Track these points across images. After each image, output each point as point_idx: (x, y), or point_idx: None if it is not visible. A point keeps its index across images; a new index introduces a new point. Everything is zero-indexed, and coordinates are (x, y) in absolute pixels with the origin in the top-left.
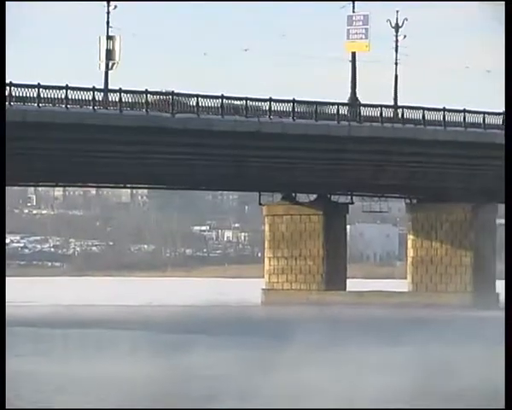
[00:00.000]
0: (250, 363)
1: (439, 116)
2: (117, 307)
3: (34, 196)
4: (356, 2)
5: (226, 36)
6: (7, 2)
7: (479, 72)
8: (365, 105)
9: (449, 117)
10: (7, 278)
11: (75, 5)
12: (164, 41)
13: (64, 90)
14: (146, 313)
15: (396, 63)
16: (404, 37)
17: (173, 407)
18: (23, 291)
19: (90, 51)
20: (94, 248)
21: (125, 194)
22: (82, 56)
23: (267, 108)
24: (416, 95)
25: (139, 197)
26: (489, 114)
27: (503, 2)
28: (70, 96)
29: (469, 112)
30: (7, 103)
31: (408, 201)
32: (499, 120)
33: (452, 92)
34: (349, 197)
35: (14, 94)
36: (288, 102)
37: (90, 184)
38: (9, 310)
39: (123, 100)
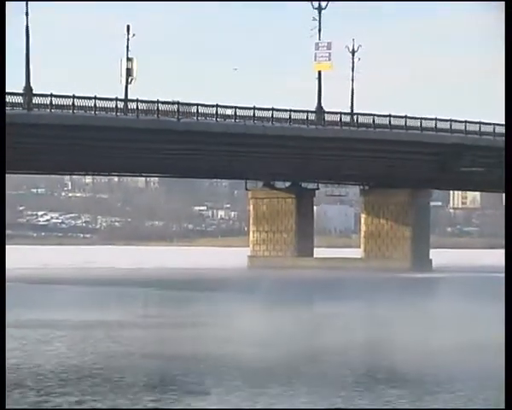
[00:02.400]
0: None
1: (385, 121)
2: (137, 270)
3: (70, 183)
4: (321, 33)
5: (220, 58)
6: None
7: (419, 84)
8: (328, 112)
9: (394, 121)
10: (50, 247)
11: (102, 32)
12: (171, 62)
13: (93, 100)
14: (160, 274)
15: (352, 79)
16: (359, 59)
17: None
18: (65, 257)
19: (114, 69)
20: (116, 223)
21: (140, 181)
22: (107, 73)
23: (252, 114)
24: (367, 104)
25: (152, 184)
26: (425, 119)
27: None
28: (98, 105)
29: (410, 118)
30: (47, 110)
31: (361, 187)
32: (432, 124)
33: (397, 101)
34: (316, 184)
35: (53, 103)
36: (268, 109)
37: (113, 173)
38: (69, 272)
39: (139, 108)
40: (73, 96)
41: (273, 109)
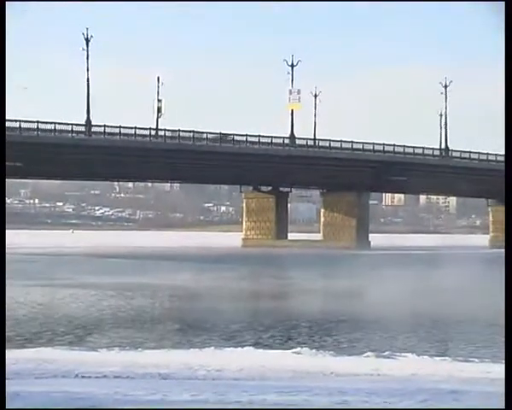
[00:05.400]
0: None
1: (338, 144)
2: (164, 248)
3: (117, 187)
4: (293, 82)
5: (223, 99)
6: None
7: (365, 118)
8: (298, 138)
9: (344, 145)
10: (104, 232)
11: (141, 81)
12: (186, 104)
13: (134, 129)
14: (183, 251)
15: (315, 115)
16: (320, 101)
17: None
18: (114, 239)
19: (148, 108)
20: (150, 215)
21: (166, 186)
22: (144, 110)
23: (245, 139)
24: (326, 132)
25: (174, 187)
26: (366, 143)
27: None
28: (137, 132)
29: (355, 142)
30: (102, 136)
31: (321, 190)
32: (371, 147)
33: (347, 130)
34: (289, 188)
35: (106, 131)
36: (256, 136)
37: (147, 180)
38: (117, 249)
39: (166, 135)
40: (120, 126)
41: (259, 136)
